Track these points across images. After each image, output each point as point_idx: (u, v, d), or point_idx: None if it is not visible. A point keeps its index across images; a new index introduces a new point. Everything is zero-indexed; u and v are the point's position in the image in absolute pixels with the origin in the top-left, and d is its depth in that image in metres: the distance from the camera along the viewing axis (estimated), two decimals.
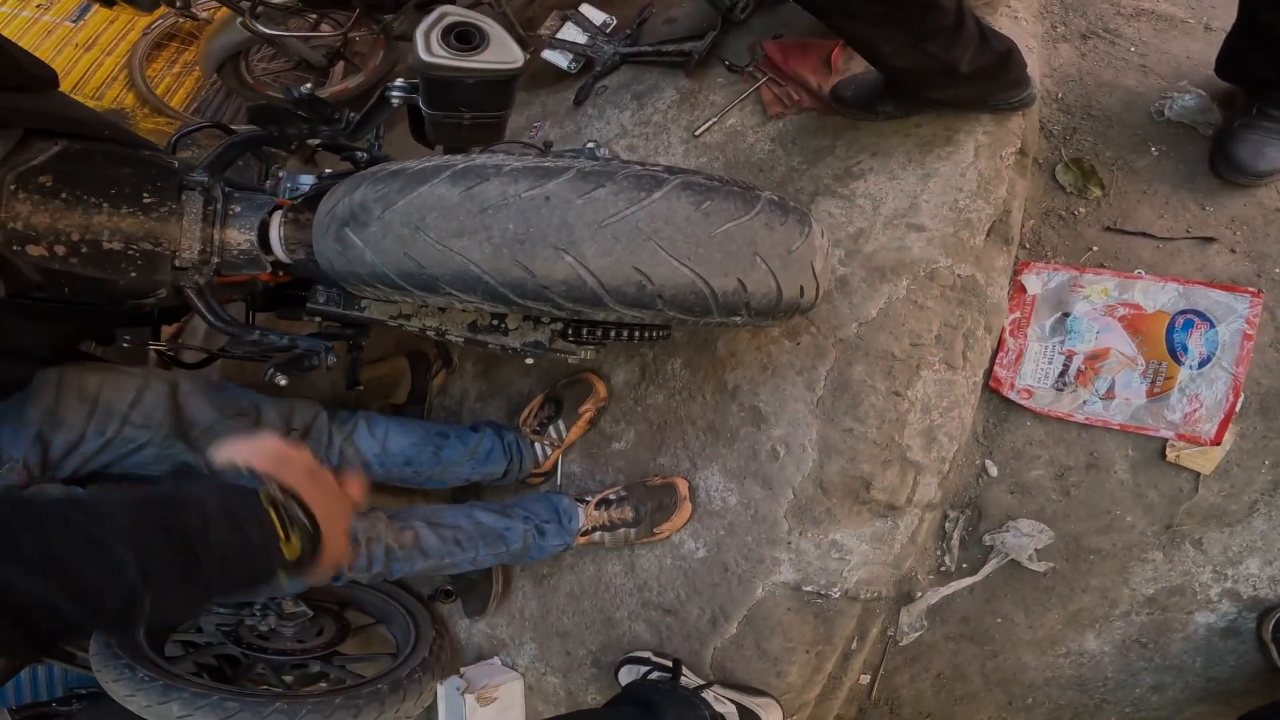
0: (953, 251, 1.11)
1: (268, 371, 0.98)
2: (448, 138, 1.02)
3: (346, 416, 1.17)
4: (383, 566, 1.02)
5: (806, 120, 1.35)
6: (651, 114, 1.59)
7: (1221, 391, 1.04)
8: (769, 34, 1.54)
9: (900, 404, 1.09)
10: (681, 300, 0.78)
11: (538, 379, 1.45)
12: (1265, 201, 1.12)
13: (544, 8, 2.08)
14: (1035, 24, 1.32)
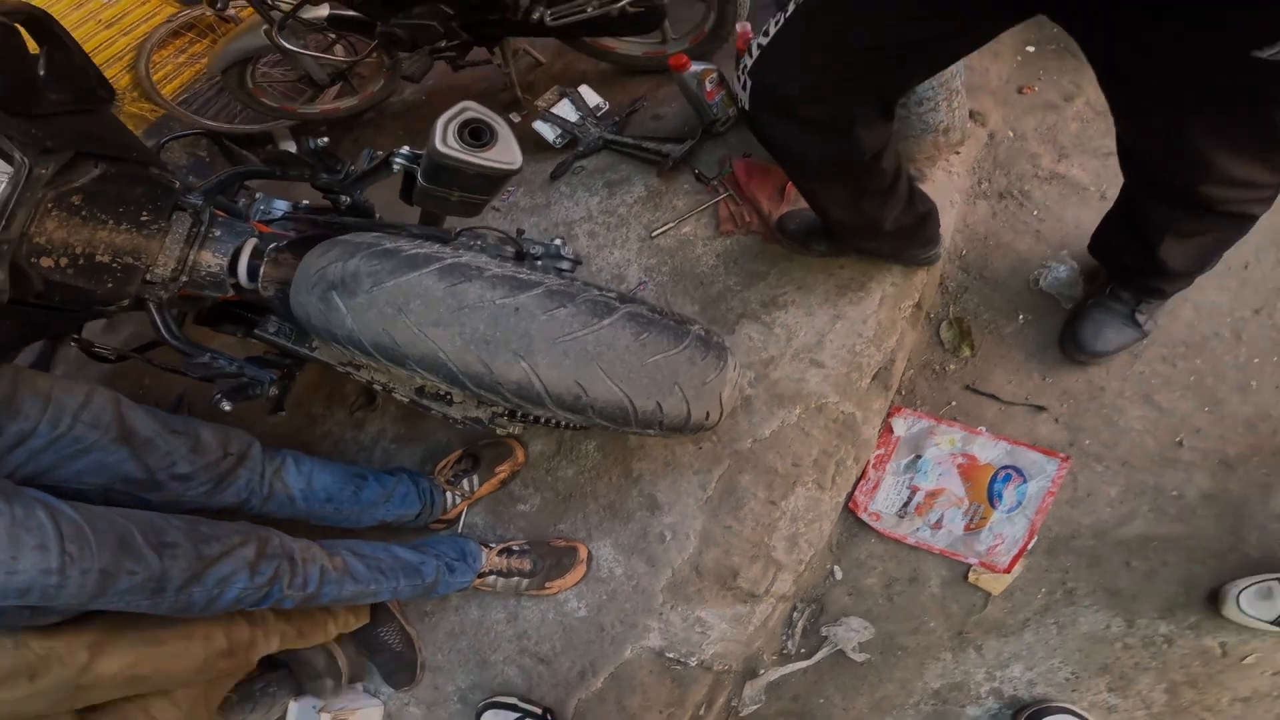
0: (842, 390, 1.32)
1: (215, 396, 1.06)
2: (433, 207, 1.11)
3: (275, 452, 1.24)
4: (315, 588, 1.09)
5: (750, 243, 1.51)
6: (618, 205, 1.70)
7: (1020, 532, 1.29)
8: (742, 151, 1.67)
9: (774, 512, 1.29)
10: (608, 412, 0.93)
11: (459, 434, 1.56)
12: (1094, 379, 1.35)
13: (546, 76, 2.16)
14: (965, 179, 1.53)
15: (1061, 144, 1.58)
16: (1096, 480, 1.29)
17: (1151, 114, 0.91)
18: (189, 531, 0.95)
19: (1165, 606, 1.19)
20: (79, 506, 0.87)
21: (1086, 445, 1.31)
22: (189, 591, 0.93)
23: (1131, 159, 1.04)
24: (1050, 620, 1.24)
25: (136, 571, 0.88)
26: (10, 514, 0.82)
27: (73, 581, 0.83)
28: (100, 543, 0.86)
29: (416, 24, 1.75)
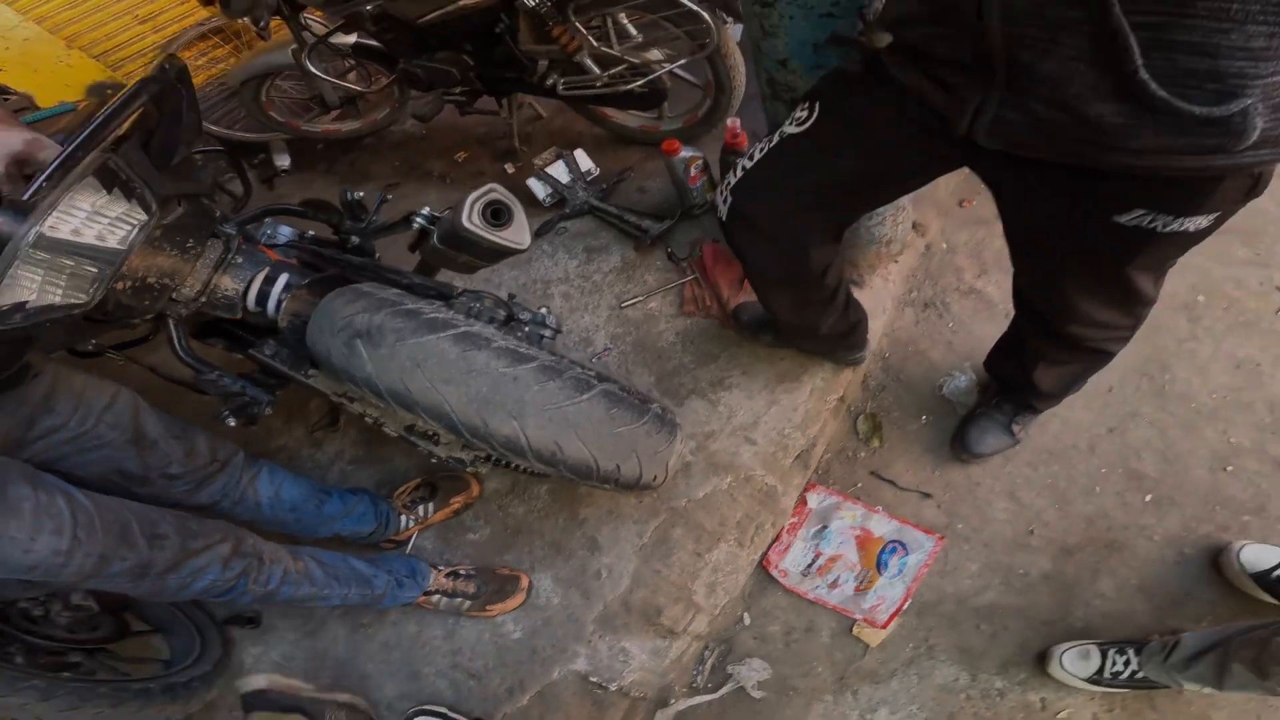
0: (768, 466, 1.52)
1: (222, 413, 1.15)
2: (437, 263, 1.21)
3: (253, 461, 1.33)
4: (275, 586, 1.16)
5: (708, 326, 1.69)
6: (594, 272, 1.83)
7: (899, 595, 1.48)
8: (714, 236, 1.82)
9: (699, 562, 1.47)
10: (577, 469, 1.09)
11: (417, 463, 1.68)
12: (972, 475, 1.56)
13: (545, 131, 2.26)
14: (899, 287, 1.74)
15: (984, 260, 1.82)
16: (963, 557, 1.49)
17: (1033, 263, 1.10)
18: (179, 526, 1.04)
19: (1002, 664, 1.38)
20: (91, 495, 0.95)
21: (959, 528, 1.52)
22: (166, 578, 1.01)
23: (1020, 295, 1.23)
24: (913, 671, 1.42)
25: (128, 558, 0.96)
26: (35, 499, 0.88)
27: (75, 563, 0.91)
28: (105, 530, 0.93)
29: (437, 68, 1.85)
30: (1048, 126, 0.78)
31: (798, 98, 1.29)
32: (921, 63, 0.87)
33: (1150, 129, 0.72)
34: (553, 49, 1.69)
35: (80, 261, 0.83)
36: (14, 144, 0.82)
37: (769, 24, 1.21)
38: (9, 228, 0.76)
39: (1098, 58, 0.69)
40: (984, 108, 0.81)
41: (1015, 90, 0.77)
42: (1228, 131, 0.70)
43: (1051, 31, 0.70)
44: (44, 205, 0.78)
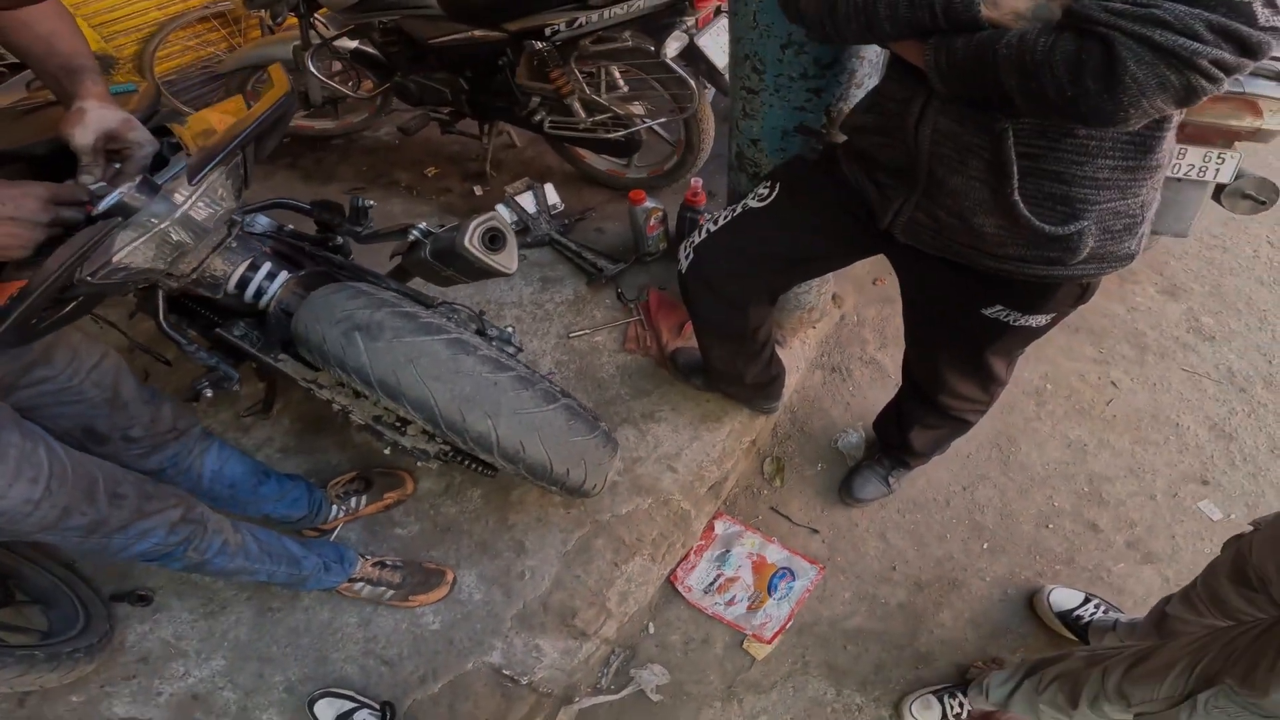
0: (685, 493, 1.62)
1: (201, 384, 1.14)
2: (419, 272, 1.23)
3: (207, 434, 1.28)
4: (211, 556, 1.12)
5: (645, 364, 1.78)
6: (546, 301, 1.88)
7: (784, 615, 1.58)
8: (660, 283, 1.92)
9: (615, 572, 1.54)
10: (533, 467, 1.15)
11: (350, 456, 1.65)
12: (853, 517, 1.70)
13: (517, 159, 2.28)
14: (813, 350, 1.89)
15: (886, 335, 2.01)
16: (838, 586, 1.61)
17: (919, 339, 1.26)
18: (138, 488, 1.01)
19: (862, 683, 1.49)
20: (68, 450, 0.91)
21: (838, 561, 1.66)
22: (113, 537, 0.98)
23: (906, 367, 1.39)
24: (790, 684, 1.50)
25: (87, 514, 0.92)
26: (21, 447, 0.84)
27: (39, 514, 0.87)
28: (74, 485, 0.90)
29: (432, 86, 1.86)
30: (945, 231, 0.92)
31: (760, 173, 1.43)
32: (865, 165, 1.01)
33: (1014, 241, 0.86)
34: (547, 88, 1.74)
35: (182, 236, 0.87)
36: (111, 122, 0.82)
37: (750, 108, 1.34)
38: (137, 203, 0.81)
39: (988, 179, 0.82)
40: (903, 209, 0.96)
41: (928, 197, 0.91)
42: (1066, 247, 0.84)
43: (961, 154, 0.83)
44: (194, 190, 0.85)
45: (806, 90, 1.25)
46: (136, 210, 0.83)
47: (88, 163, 0.82)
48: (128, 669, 1.44)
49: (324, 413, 1.80)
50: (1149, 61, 0.59)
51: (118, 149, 0.85)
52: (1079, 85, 0.63)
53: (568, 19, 1.61)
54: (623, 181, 2.15)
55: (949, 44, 0.72)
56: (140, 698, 1.41)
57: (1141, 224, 0.87)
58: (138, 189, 0.83)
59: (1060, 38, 0.63)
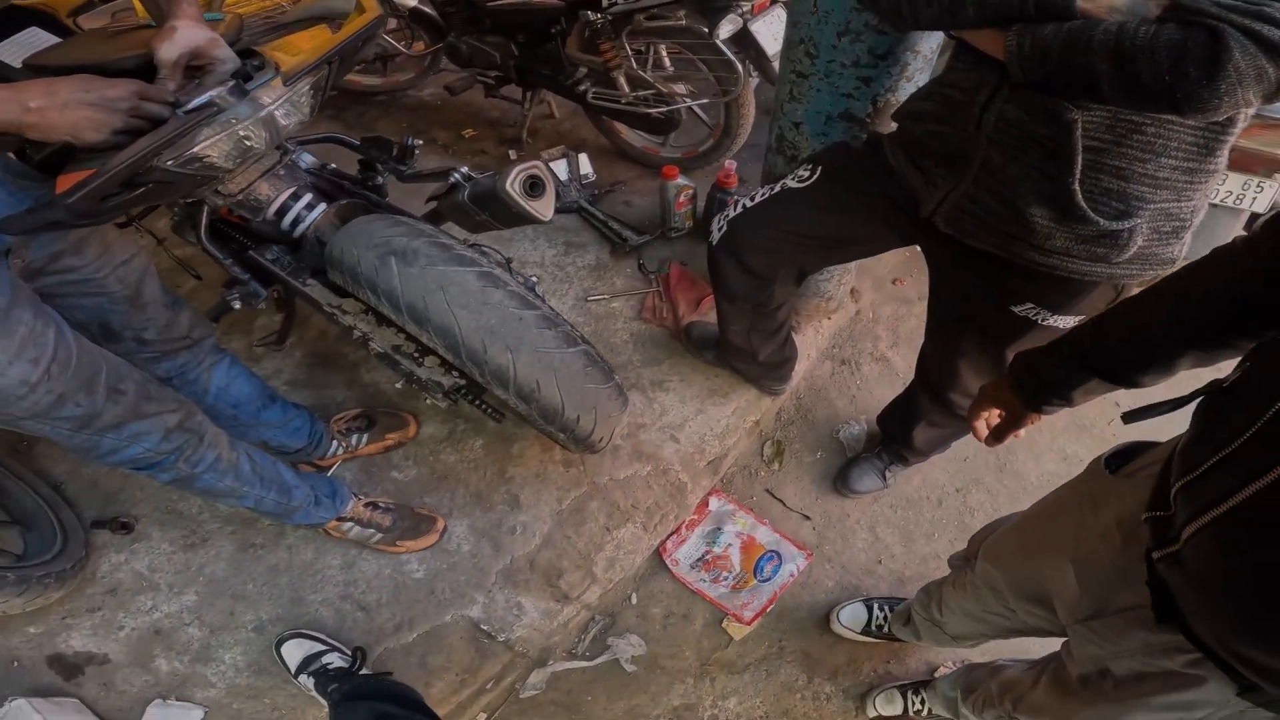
0: (685, 464, 1.43)
1: (231, 295, 1.03)
2: (453, 215, 1.12)
3: (218, 348, 1.13)
4: (200, 470, 0.98)
5: (659, 334, 1.61)
6: (568, 264, 1.73)
7: (766, 598, 1.42)
8: (683, 258, 1.76)
9: (606, 537, 1.36)
10: (545, 408, 1.03)
11: (357, 395, 1.47)
12: (846, 508, 1.53)
13: (554, 131, 2.12)
14: (825, 340, 1.72)
15: (898, 333, 1.83)
16: (823, 574, 1.45)
17: (939, 332, 1.13)
18: (140, 386, 0.87)
19: (833, 672, 1.33)
20: (78, 337, 0.80)
21: (826, 549, 1.50)
22: (104, 435, 0.85)
23: (922, 362, 1.25)
24: (764, 668, 1.35)
25: (82, 406, 0.80)
26: (30, 326, 0.74)
27: (33, 398, 0.76)
28: (75, 373, 0.78)
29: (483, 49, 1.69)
30: (991, 219, 0.83)
31: (798, 156, 1.28)
32: (913, 152, 0.91)
33: (1062, 234, 0.79)
34: (595, 60, 1.56)
35: (259, 139, 0.82)
36: (199, 39, 0.76)
37: (798, 91, 1.22)
38: (226, 103, 0.78)
39: (1047, 168, 0.75)
40: (949, 197, 0.87)
41: (979, 184, 0.83)
42: (1115, 244, 0.77)
43: (1023, 143, 0.76)
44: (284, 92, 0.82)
45: (856, 78, 1.12)
46: (224, 109, 0.78)
47: (165, 75, 0.74)
48: (94, 600, 1.26)
49: (334, 350, 1.62)
50: (1253, 53, 0.56)
51: (200, 65, 0.77)
52: (1179, 71, 0.59)
53: None
54: (656, 159, 1.98)
55: (1035, 31, 0.66)
56: (101, 631, 1.22)
57: (1187, 229, 0.80)
58: (229, 91, 0.79)
59: (1163, 28, 0.60)
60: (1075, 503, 0.72)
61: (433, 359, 1.09)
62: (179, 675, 1.15)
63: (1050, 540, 0.74)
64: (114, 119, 0.67)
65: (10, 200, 0.74)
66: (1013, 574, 0.81)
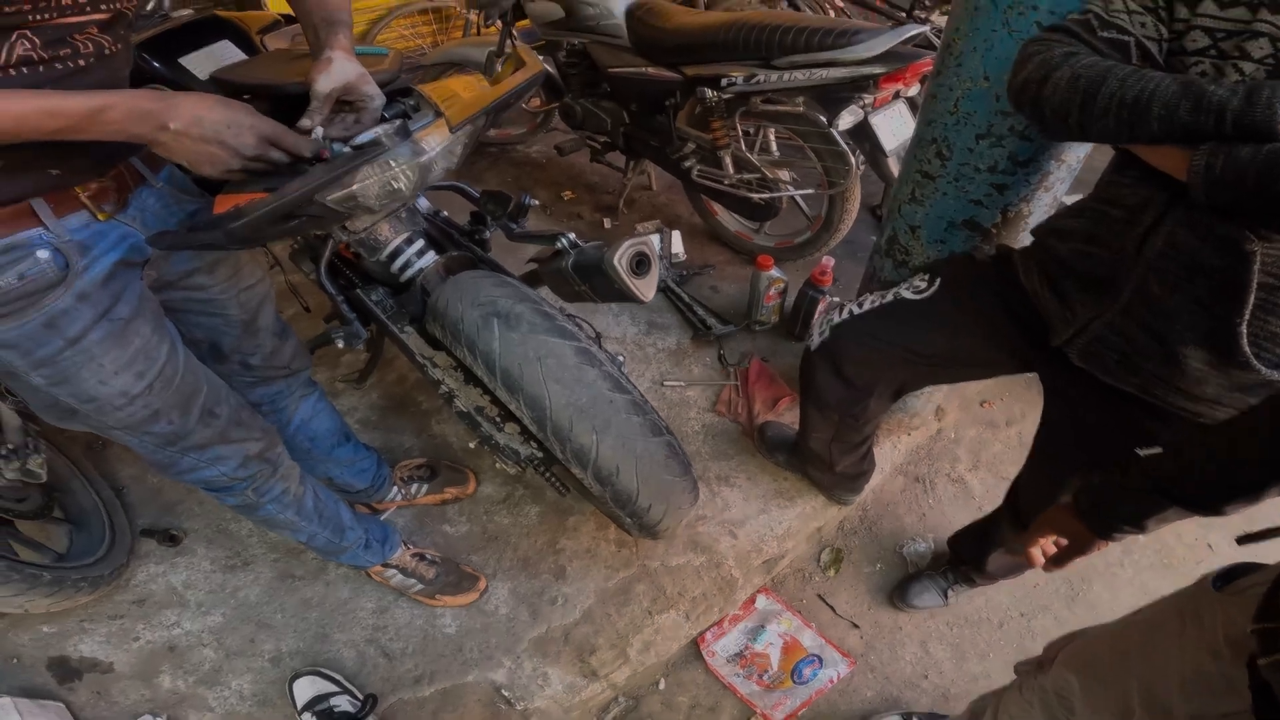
0: (739, 561, 1.32)
1: (335, 332, 1.00)
2: (553, 282, 1.08)
3: (311, 382, 1.12)
4: (265, 500, 0.94)
5: (731, 429, 1.50)
6: (648, 345, 1.64)
7: (799, 700, 1.29)
8: (763, 353, 1.64)
9: (646, 620, 1.25)
10: (619, 494, 0.96)
11: (424, 445, 1.43)
12: (898, 621, 1.39)
13: (650, 203, 2.05)
14: (901, 456, 1.57)
15: (980, 457, 1.66)
16: (863, 684, 1.32)
17: (1045, 463, 0.98)
18: (233, 411, 0.85)
19: None
20: (188, 355, 0.78)
21: (870, 659, 1.36)
22: (187, 454, 0.82)
23: (1014, 490, 1.10)
24: None
25: (173, 424, 0.78)
26: (146, 339, 0.72)
27: (129, 410, 0.73)
28: (176, 391, 0.76)
29: (597, 113, 1.64)
30: (1135, 356, 0.73)
31: (909, 262, 1.17)
32: (1051, 273, 0.80)
33: (1215, 380, 0.69)
34: (704, 137, 1.48)
35: (409, 183, 0.79)
36: (350, 74, 0.73)
37: (921, 192, 1.11)
38: (390, 143, 0.76)
39: (1211, 304, 0.65)
40: (1090, 327, 0.76)
41: (1127, 315, 0.72)
42: (1268, 394, 0.66)
43: (1190, 273, 0.66)
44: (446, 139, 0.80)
45: (990, 185, 1.00)
46: (387, 149, 0.75)
47: (315, 107, 0.73)
48: (119, 607, 1.23)
49: (409, 396, 1.60)
50: None
51: (351, 100, 0.75)
52: None
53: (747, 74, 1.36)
54: (749, 245, 1.87)
55: (1231, 151, 0.56)
56: (114, 640, 1.18)
57: None
58: (395, 131, 0.77)
59: None
60: (1177, 617, 0.65)
61: (513, 426, 1.03)
62: (178, 694, 1.10)
63: (1150, 652, 0.66)
64: (234, 161, 0.65)
65: (164, 213, 0.73)
66: (1095, 683, 0.72)
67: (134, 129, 0.58)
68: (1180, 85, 0.58)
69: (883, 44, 1.29)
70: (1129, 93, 0.60)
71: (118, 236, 0.67)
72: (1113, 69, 0.62)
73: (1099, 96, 0.62)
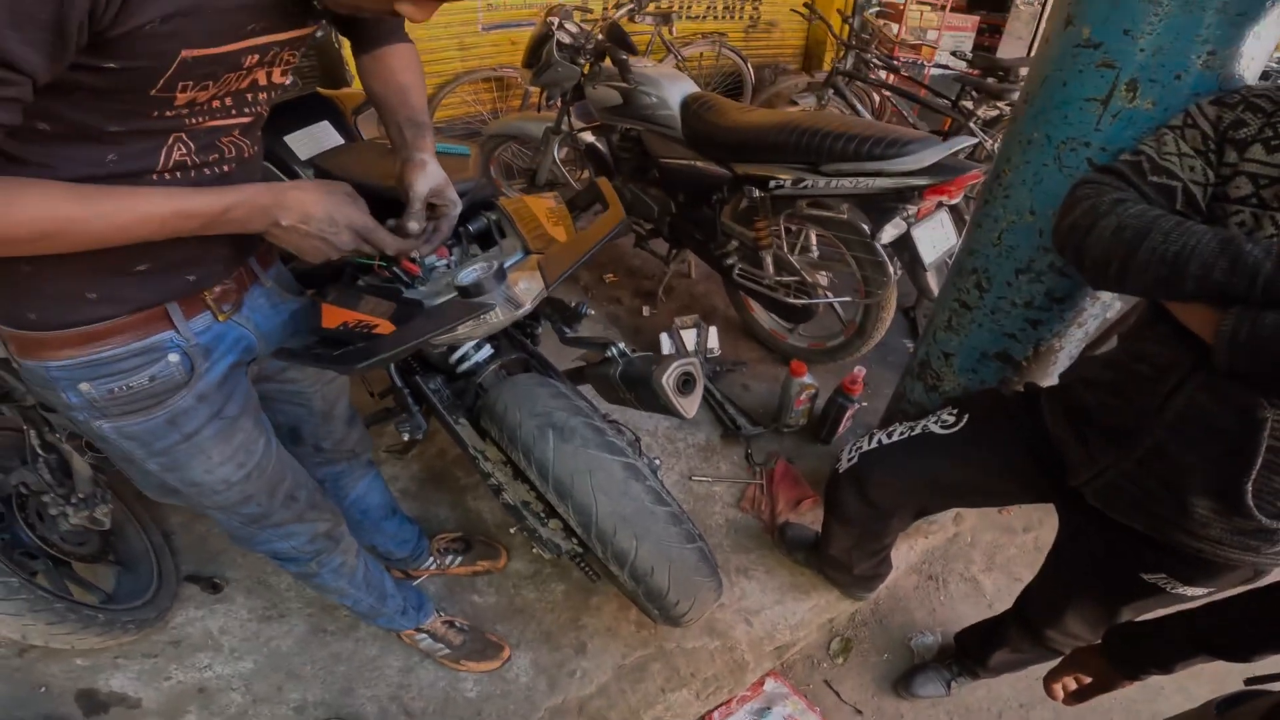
0: (752, 646, 1.34)
1: (402, 425, 1.02)
2: (598, 385, 1.09)
3: (371, 464, 1.15)
4: (324, 570, 0.97)
5: (753, 525, 1.52)
6: (679, 439, 1.64)
7: None
8: (789, 454, 1.64)
9: (659, 697, 1.26)
10: (651, 591, 0.99)
11: (459, 517, 1.46)
12: (902, 709, 1.37)
13: (688, 293, 2.08)
14: (916, 557, 1.57)
15: (994, 559, 1.66)
16: None
17: (1055, 578, 1.00)
18: (310, 496, 0.89)
19: None
20: (279, 447, 0.82)
21: None
22: (265, 530, 0.85)
23: (1025, 596, 1.10)
24: None
25: (261, 507, 0.81)
26: (248, 434, 0.75)
27: (226, 494, 0.76)
28: (268, 478, 0.79)
29: (644, 199, 1.64)
30: (1148, 502, 0.74)
31: (940, 388, 1.17)
32: (1077, 419, 0.82)
33: (1221, 524, 0.70)
34: (747, 234, 1.50)
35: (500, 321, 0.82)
36: (439, 179, 0.75)
37: (958, 322, 1.11)
38: (489, 285, 0.78)
39: (1224, 462, 0.66)
40: (1105, 473, 0.77)
41: (1143, 467, 0.73)
42: (1268, 539, 0.69)
43: (1206, 434, 0.67)
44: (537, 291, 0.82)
45: (1025, 320, 1.01)
46: (486, 291, 0.79)
47: (415, 212, 0.75)
48: (154, 646, 1.26)
49: (448, 471, 1.64)
50: None
51: (435, 204, 0.78)
52: None
53: (795, 178, 1.38)
54: (782, 345, 1.84)
55: (1258, 317, 0.56)
56: (145, 678, 1.21)
57: None
58: (494, 275, 0.80)
59: None
60: None
61: (557, 522, 1.07)
62: None
63: None
64: (332, 254, 0.67)
65: (271, 312, 0.75)
66: None
67: (253, 225, 0.61)
68: (1220, 243, 0.57)
69: (931, 156, 1.28)
70: (1170, 249, 0.59)
71: (234, 339, 0.71)
72: (1157, 221, 0.62)
73: (1141, 250, 0.61)
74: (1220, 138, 0.64)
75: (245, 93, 0.58)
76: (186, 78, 0.50)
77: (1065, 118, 0.83)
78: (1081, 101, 0.81)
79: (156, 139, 0.54)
